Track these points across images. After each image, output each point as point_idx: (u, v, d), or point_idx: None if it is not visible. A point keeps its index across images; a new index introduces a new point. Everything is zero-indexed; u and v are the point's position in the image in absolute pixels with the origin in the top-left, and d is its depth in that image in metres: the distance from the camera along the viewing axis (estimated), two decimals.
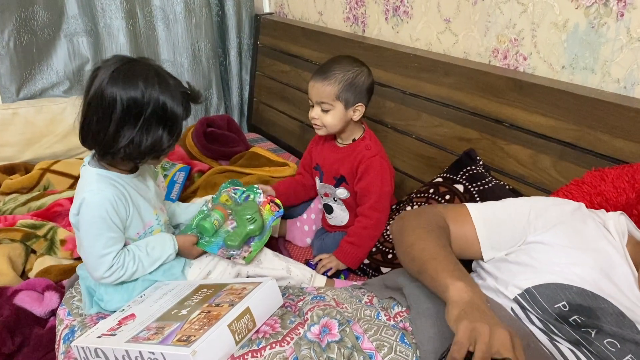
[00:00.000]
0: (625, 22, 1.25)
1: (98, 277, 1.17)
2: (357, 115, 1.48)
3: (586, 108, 1.29)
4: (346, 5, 2.13)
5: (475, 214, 1.08)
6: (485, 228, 1.06)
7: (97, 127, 1.10)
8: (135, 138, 1.09)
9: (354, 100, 1.44)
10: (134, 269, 1.19)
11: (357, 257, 1.50)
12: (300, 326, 1.02)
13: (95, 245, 1.15)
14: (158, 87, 1.10)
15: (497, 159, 1.50)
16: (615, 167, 1.18)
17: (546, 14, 1.41)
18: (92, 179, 1.16)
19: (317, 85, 1.43)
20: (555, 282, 0.93)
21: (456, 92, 1.61)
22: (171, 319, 1.03)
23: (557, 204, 1.07)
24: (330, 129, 1.48)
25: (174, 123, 1.13)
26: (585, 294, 0.91)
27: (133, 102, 1.08)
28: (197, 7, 2.39)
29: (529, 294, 0.95)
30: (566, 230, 0.99)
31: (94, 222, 1.14)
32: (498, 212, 1.08)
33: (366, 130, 1.55)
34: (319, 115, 1.46)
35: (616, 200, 1.14)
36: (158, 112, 1.10)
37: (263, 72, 2.60)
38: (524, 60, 1.50)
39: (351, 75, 1.43)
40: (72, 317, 1.27)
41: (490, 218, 1.07)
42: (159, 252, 1.23)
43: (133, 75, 1.09)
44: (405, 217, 1.11)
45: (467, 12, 1.62)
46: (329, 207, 1.62)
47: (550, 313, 0.92)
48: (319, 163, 1.60)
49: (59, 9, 2.13)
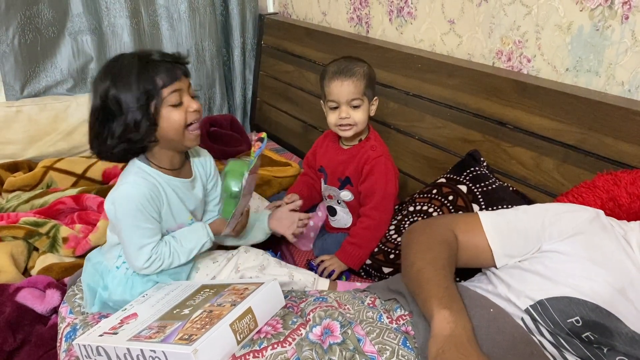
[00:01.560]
0: (630, 25, 1.24)
1: (138, 267, 1.19)
2: (373, 109, 1.50)
3: (590, 111, 1.29)
4: (350, 6, 2.13)
5: (487, 223, 1.05)
6: (498, 236, 1.04)
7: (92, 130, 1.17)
8: (113, 132, 1.12)
9: (372, 94, 1.48)
10: (170, 260, 1.21)
11: (359, 257, 1.50)
12: (302, 327, 1.02)
13: (133, 236, 1.16)
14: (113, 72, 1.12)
15: (500, 161, 1.50)
16: (629, 171, 1.16)
17: (550, 16, 1.41)
18: (132, 170, 1.18)
19: (345, 84, 1.43)
20: (570, 296, 0.91)
21: (460, 93, 1.61)
22: (173, 318, 1.03)
23: (574, 211, 1.03)
24: (361, 126, 1.48)
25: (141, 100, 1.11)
26: (600, 311, 0.89)
27: (105, 96, 1.11)
28: (201, 7, 2.39)
29: (542, 306, 0.93)
30: (584, 241, 0.96)
31: (130, 214, 1.15)
32: (510, 219, 1.05)
33: (371, 131, 1.55)
34: (349, 114, 1.45)
35: (629, 207, 1.12)
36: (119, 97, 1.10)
37: (266, 72, 2.60)
38: (528, 62, 1.50)
39: (367, 70, 1.46)
40: (74, 315, 1.27)
41: (502, 226, 1.04)
42: (194, 242, 1.25)
43: (107, 72, 1.13)
44: (413, 230, 1.10)
45: (472, 13, 1.62)
46: (332, 209, 1.62)
47: (562, 327, 0.90)
48: (323, 165, 1.60)
49: (64, 7, 2.14)
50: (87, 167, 1.99)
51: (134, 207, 1.14)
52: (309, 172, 1.71)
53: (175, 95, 1.14)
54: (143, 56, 1.14)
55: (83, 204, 1.76)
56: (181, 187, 1.24)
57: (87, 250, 1.55)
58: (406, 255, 1.07)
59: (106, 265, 1.25)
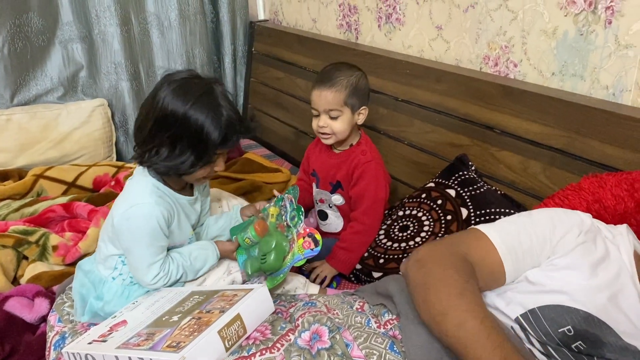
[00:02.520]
0: (613, 30, 1.26)
1: (146, 283, 1.20)
2: (361, 118, 1.50)
3: (576, 114, 1.30)
4: (339, 13, 2.15)
5: (502, 248, 0.96)
6: (512, 260, 0.96)
7: (141, 123, 1.14)
8: (161, 149, 1.10)
9: (359, 104, 1.47)
10: (177, 277, 1.22)
11: (349, 262, 1.50)
12: (290, 332, 1.02)
13: (146, 253, 1.16)
14: (205, 107, 1.09)
15: (487, 165, 1.51)
16: (613, 174, 1.17)
17: (536, 21, 1.42)
18: (148, 189, 1.16)
19: (324, 94, 1.43)
20: (562, 305, 0.90)
21: (448, 98, 1.62)
22: (162, 325, 1.03)
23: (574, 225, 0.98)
24: (340, 136, 1.48)
25: (205, 148, 1.11)
26: (592, 319, 0.88)
27: (172, 113, 1.08)
28: (192, 14, 2.40)
29: (533, 315, 0.92)
30: (581, 251, 0.95)
31: (147, 232, 1.14)
32: (523, 239, 0.97)
33: (362, 136, 1.56)
34: (327, 123, 1.46)
35: (614, 209, 1.13)
36: (191, 131, 1.09)
37: (257, 78, 2.61)
38: (515, 67, 1.51)
39: (354, 79, 1.45)
40: (63, 323, 1.27)
41: (515, 248, 0.96)
42: (202, 262, 1.25)
43: (187, 89, 1.10)
44: (426, 264, 0.94)
45: (459, 19, 1.64)
46: (323, 213, 1.63)
47: (553, 337, 0.89)
48: (315, 169, 1.61)
49: (54, 15, 2.14)
50: (78, 175, 1.99)
51: (152, 226, 1.14)
52: (303, 177, 1.72)
53: (218, 156, 1.17)
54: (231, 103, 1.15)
55: (73, 212, 1.76)
56: (187, 204, 1.25)
57: (77, 258, 1.54)
58: (429, 299, 0.90)
59: (100, 276, 1.24)
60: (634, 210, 1.11)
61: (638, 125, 1.18)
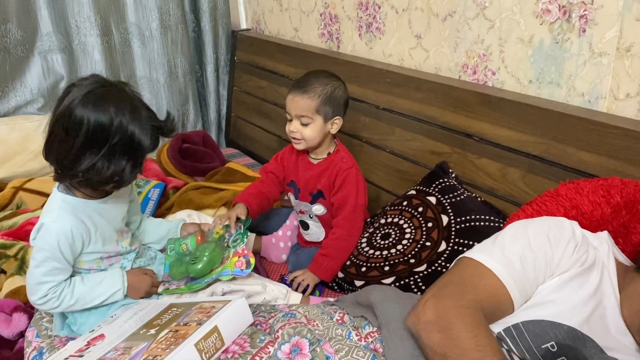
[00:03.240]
0: (587, 38, 1.28)
1: (33, 301, 1.16)
2: (334, 128, 1.50)
3: (553, 122, 1.31)
4: (321, 22, 2.15)
5: (510, 283, 0.92)
6: (519, 292, 0.93)
7: (60, 145, 1.07)
8: (97, 164, 1.06)
9: (333, 113, 1.47)
10: (71, 302, 1.17)
11: (331, 269, 1.50)
12: (270, 344, 1.01)
13: (37, 270, 1.13)
14: (129, 115, 1.07)
15: (467, 172, 1.52)
16: (590, 180, 1.19)
17: (513, 29, 1.44)
18: (56, 205, 1.15)
19: (296, 99, 1.44)
20: (545, 319, 0.90)
21: (428, 107, 1.63)
22: (139, 339, 1.02)
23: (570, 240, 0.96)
24: (310, 143, 1.49)
25: (138, 155, 1.11)
26: (575, 334, 0.88)
27: (100, 127, 1.05)
28: (173, 24, 2.40)
29: (517, 330, 0.91)
30: (575, 269, 0.94)
31: (43, 248, 1.13)
32: (527, 270, 0.94)
33: (339, 144, 1.57)
34: (298, 128, 1.47)
35: (591, 215, 1.14)
36: (125, 141, 1.07)
37: (240, 87, 2.60)
38: (493, 75, 1.53)
39: (329, 88, 1.45)
40: (41, 338, 1.25)
41: (523, 282, 0.93)
42: (105, 287, 1.20)
43: (106, 100, 1.07)
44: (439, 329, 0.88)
45: (437, 28, 1.65)
46: (305, 223, 1.63)
47: (535, 353, 0.88)
48: (293, 180, 1.60)
49: (33, 26, 2.13)
50: None
51: (49, 243, 1.12)
52: (266, 180, 1.65)
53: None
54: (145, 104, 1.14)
55: None
56: (106, 208, 1.21)
57: None
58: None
59: None
60: (610, 216, 1.13)
61: (612, 132, 1.20)
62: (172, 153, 2.12)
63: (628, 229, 1.09)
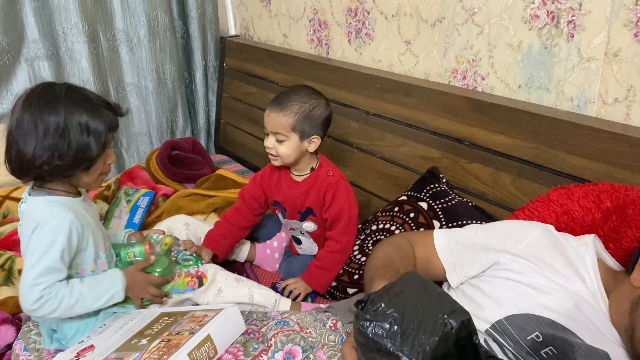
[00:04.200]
0: (575, 43, 1.29)
1: (27, 308, 1.09)
2: (312, 147, 1.45)
3: (542, 126, 1.32)
4: (310, 28, 2.16)
5: (439, 240, 1.10)
6: (449, 252, 1.08)
7: (19, 151, 1.09)
8: (61, 162, 1.07)
9: (310, 132, 1.42)
10: (71, 302, 1.10)
11: (326, 280, 1.49)
12: (264, 353, 1.01)
13: (29, 273, 1.07)
14: (75, 103, 1.09)
15: (458, 177, 1.53)
16: (581, 185, 1.19)
17: (501, 35, 1.45)
18: (44, 206, 1.11)
19: (272, 115, 1.41)
20: (527, 313, 0.92)
21: (418, 112, 1.63)
22: (130, 349, 1.01)
23: (522, 227, 1.07)
24: (285, 160, 1.45)
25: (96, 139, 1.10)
26: (555, 326, 0.90)
27: (55, 126, 1.06)
28: (162, 30, 2.39)
29: (501, 326, 0.93)
30: (535, 258, 0.98)
31: (39, 246, 1.08)
32: (462, 235, 1.09)
33: (321, 158, 1.53)
34: (273, 145, 1.43)
35: (582, 220, 1.15)
36: (80, 130, 1.08)
37: (229, 93, 2.60)
38: (482, 80, 1.53)
39: (308, 107, 1.41)
40: (29, 352, 1.23)
41: (452, 242, 1.09)
42: (105, 287, 1.15)
43: (49, 97, 1.09)
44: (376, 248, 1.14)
45: (427, 33, 1.65)
46: (297, 239, 1.61)
47: (522, 345, 0.90)
48: (278, 200, 1.56)
49: (19, 33, 2.10)
50: None
51: (47, 239, 1.08)
52: (242, 207, 1.60)
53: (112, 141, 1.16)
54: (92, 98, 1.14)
55: None
56: (88, 208, 1.21)
57: None
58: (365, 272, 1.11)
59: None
60: (601, 221, 1.13)
61: (602, 136, 1.21)
62: (162, 160, 2.10)
63: (618, 234, 1.09)
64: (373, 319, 0.72)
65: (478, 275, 1.04)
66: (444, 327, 0.70)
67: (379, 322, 0.71)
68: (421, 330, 0.70)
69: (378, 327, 0.71)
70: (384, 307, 0.72)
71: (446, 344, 0.69)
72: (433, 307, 0.73)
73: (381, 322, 0.71)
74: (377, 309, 0.72)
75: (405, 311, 0.73)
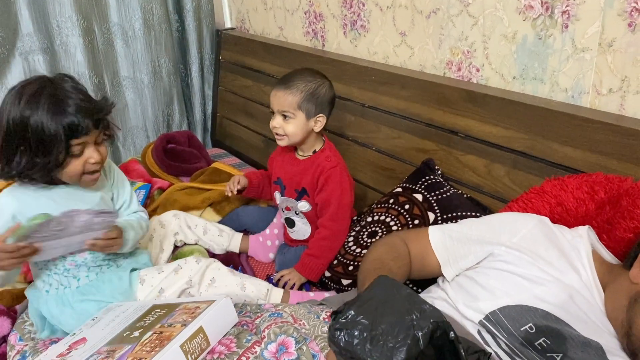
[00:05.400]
0: (570, 34, 1.28)
1: None
2: (318, 126, 1.49)
3: (537, 117, 1.32)
4: (305, 20, 2.15)
5: (432, 233, 1.11)
6: (444, 247, 1.09)
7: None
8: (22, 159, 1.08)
9: (315, 110, 1.46)
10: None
11: (317, 268, 1.50)
12: (257, 344, 1.01)
13: None
14: (38, 102, 1.07)
15: (453, 169, 1.52)
16: (574, 176, 1.19)
17: (496, 26, 1.44)
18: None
19: (279, 94, 1.45)
20: (521, 304, 0.93)
21: (413, 104, 1.63)
22: (122, 342, 1.01)
23: (516, 220, 1.07)
24: (292, 138, 1.48)
25: (52, 142, 1.08)
26: (550, 317, 0.90)
27: (12, 122, 1.08)
28: (157, 23, 2.37)
29: (494, 317, 0.94)
30: (528, 250, 0.98)
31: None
32: (456, 230, 1.10)
33: (326, 142, 1.56)
34: (280, 124, 1.47)
35: (576, 211, 1.15)
36: (33, 130, 1.07)
37: (225, 87, 2.59)
38: (477, 72, 1.53)
39: (313, 85, 1.45)
40: (24, 342, 1.23)
41: (446, 237, 1.10)
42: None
43: (21, 93, 1.09)
44: (370, 250, 1.14)
45: (422, 25, 1.65)
46: (290, 221, 1.62)
47: (516, 336, 0.91)
48: (280, 177, 1.60)
49: (13, 26, 2.09)
50: None
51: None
52: (265, 173, 1.73)
53: (79, 147, 1.12)
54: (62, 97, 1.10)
55: None
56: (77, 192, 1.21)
57: None
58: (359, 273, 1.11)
59: (38, 293, 1.22)
60: (594, 212, 1.13)
61: (596, 127, 1.20)
62: (157, 154, 2.10)
63: (612, 225, 1.09)
64: (343, 327, 0.73)
65: (473, 267, 1.04)
66: (414, 330, 0.71)
67: (349, 329, 0.72)
68: (391, 335, 0.71)
69: (348, 335, 0.72)
70: (354, 314, 0.73)
71: (417, 346, 0.70)
72: (403, 310, 0.74)
73: (351, 329, 0.72)
74: (347, 317, 0.73)
75: (375, 317, 0.73)
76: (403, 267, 1.07)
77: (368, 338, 0.71)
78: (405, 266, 1.08)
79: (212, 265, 1.34)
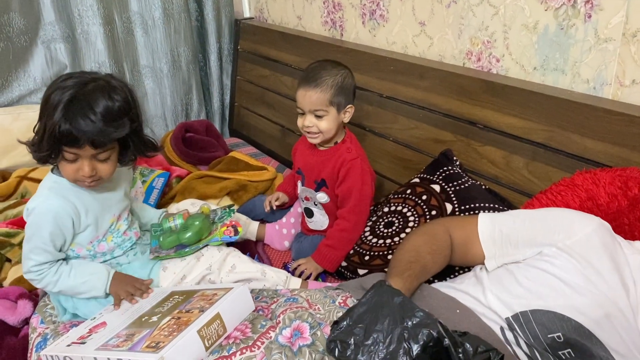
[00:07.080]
0: (592, 24, 1.26)
1: (24, 271, 1.20)
2: (347, 117, 1.50)
3: (557, 109, 1.30)
4: (324, 10, 2.14)
5: (482, 222, 1.07)
6: (492, 241, 1.04)
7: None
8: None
9: (345, 102, 1.47)
10: (54, 290, 1.21)
11: (335, 259, 1.50)
12: (271, 329, 1.02)
13: (25, 246, 1.18)
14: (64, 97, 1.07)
15: (471, 160, 1.51)
16: (607, 170, 1.15)
17: (517, 16, 1.42)
18: (45, 185, 1.19)
19: (309, 94, 1.43)
20: (554, 311, 0.89)
21: (431, 94, 1.62)
22: (141, 326, 1.03)
23: (579, 220, 0.99)
24: (327, 135, 1.48)
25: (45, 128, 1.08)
26: (582, 330, 0.87)
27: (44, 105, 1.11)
28: (176, 13, 2.39)
29: (524, 317, 0.91)
30: (582, 256, 0.92)
31: (31, 226, 1.16)
32: (507, 225, 1.04)
33: (347, 134, 1.56)
34: (313, 122, 1.46)
35: (607, 207, 1.11)
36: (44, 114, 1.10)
37: (244, 76, 2.60)
38: (497, 62, 1.51)
39: (339, 79, 1.44)
40: (45, 324, 1.26)
41: (496, 230, 1.05)
42: (88, 287, 1.20)
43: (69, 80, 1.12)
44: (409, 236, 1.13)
45: (441, 15, 1.63)
46: (309, 211, 1.62)
47: (542, 342, 0.88)
48: (300, 167, 1.60)
49: (35, 15, 2.12)
50: None
51: (37, 222, 1.15)
52: (292, 177, 1.73)
53: (72, 155, 1.10)
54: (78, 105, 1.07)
55: None
56: (99, 190, 1.22)
57: None
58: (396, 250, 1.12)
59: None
60: (627, 209, 1.09)
61: (618, 119, 1.18)
62: (176, 142, 2.12)
63: None
64: (337, 338, 0.74)
65: (520, 260, 1.01)
66: (404, 340, 0.72)
67: (344, 339, 0.73)
68: (383, 344, 0.72)
69: (343, 345, 0.73)
70: (350, 323, 0.74)
71: (409, 355, 0.71)
72: (396, 319, 0.74)
73: (345, 339, 0.73)
74: (342, 327, 0.74)
75: (369, 326, 0.74)
76: (439, 262, 1.05)
77: (360, 348, 0.73)
78: (442, 259, 1.06)
79: (233, 254, 1.36)
